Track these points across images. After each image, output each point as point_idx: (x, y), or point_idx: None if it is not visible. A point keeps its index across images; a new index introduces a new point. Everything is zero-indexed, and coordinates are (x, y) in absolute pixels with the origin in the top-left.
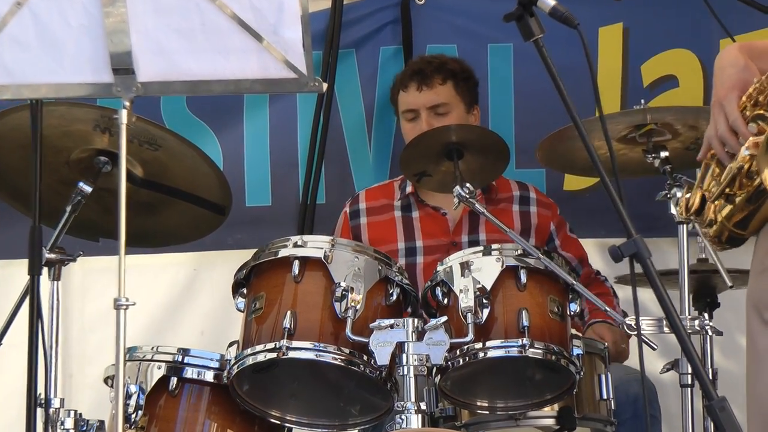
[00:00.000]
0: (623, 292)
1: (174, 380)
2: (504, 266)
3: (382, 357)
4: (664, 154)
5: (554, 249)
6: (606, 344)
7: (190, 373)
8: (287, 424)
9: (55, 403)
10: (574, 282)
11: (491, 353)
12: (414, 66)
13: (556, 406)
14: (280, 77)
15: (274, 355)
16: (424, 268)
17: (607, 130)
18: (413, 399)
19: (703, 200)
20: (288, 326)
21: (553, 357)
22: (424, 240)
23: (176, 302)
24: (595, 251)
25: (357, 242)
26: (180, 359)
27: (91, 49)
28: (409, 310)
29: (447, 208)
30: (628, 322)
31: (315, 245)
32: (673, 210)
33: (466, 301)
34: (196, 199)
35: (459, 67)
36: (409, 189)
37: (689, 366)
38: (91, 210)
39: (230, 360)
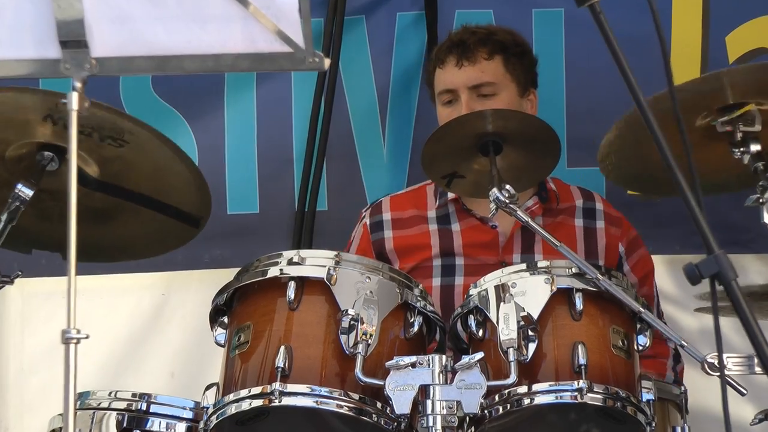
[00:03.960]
0: (703, 322)
1: None
2: (555, 289)
3: (402, 404)
4: (755, 147)
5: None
6: (684, 389)
7: (156, 424)
8: None
9: None
10: (642, 309)
11: (539, 399)
12: (454, 37)
13: None
14: (271, 52)
15: (263, 401)
16: (463, 292)
17: (681, 120)
18: None
19: None
20: (281, 365)
21: (617, 404)
22: (466, 257)
23: (140, 335)
24: (667, 270)
25: (369, 259)
26: (144, 407)
27: (34, 17)
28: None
29: (499, 219)
30: (709, 360)
31: (315, 262)
32: (766, 218)
33: (507, 333)
34: (164, 206)
35: (511, 40)
36: (451, 195)
37: None
38: (24, 214)
39: (208, 408)
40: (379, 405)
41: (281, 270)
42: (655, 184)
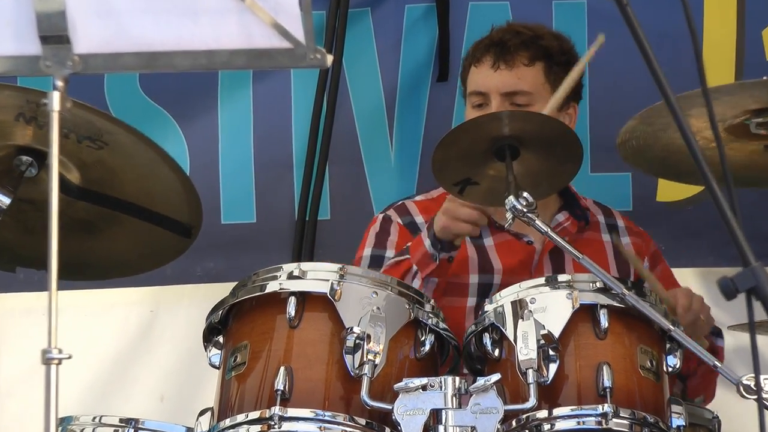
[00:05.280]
0: (739, 340)
1: None
2: (578, 305)
3: (411, 430)
4: None
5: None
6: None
7: None
8: None
9: None
10: (672, 327)
11: (560, 425)
12: (495, 35)
13: None
14: (269, 47)
15: (261, 427)
16: None
17: (716, 124)
18: None
19: None
20: (281, 388)
21: (645, 430)
22: (505, 275)
23: (127, 355)
24: (699, 284)
25: (376, 272)
26: None
27: (11, 9)
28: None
29: (533, 233)
30: (745, 381)
31: (317, 276)
32: None
33: (526, 352)
34: (151, 215)
35: (558, 46)
36: None
37: None
38: (7, 229)
39: None
40: (387, 431)
41: (281, 285)
42: (678, 171)
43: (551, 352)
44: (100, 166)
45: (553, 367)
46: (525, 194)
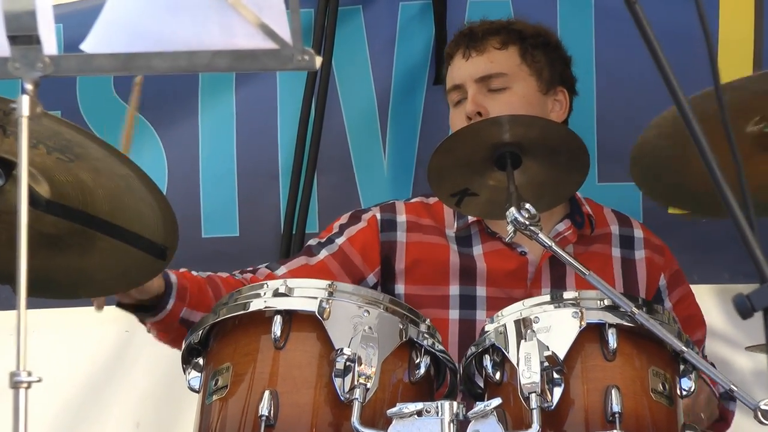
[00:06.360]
0: (754, 362)
1: None
2: (584, 324)
3: None
4: None
5: None
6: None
7: None
8: None
9: None
10: (686, 348)
11: None
12: (465, 28)
13: None
14: (253, 48)
15: None
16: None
17: (729, 126)
18: None
19: None
20: (266, 413)
21: None
22: (489, 287)
23: (100, 378)
24: (714, 302)
25: (368, 290)
26: None
27: None
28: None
29: (528, 245)
30: (763, 407)
31: (305, 293)
32: None
33: (529, 375)
34: (124, 234)
35: (533, 29)
36: (472, 217)
37: None
38: None
39: None
40: None
41: (265, 302)
42: (696, 202)
43: (556, 375)
44: (71, 179)
45: (557, 391)
46: (527, 206)
